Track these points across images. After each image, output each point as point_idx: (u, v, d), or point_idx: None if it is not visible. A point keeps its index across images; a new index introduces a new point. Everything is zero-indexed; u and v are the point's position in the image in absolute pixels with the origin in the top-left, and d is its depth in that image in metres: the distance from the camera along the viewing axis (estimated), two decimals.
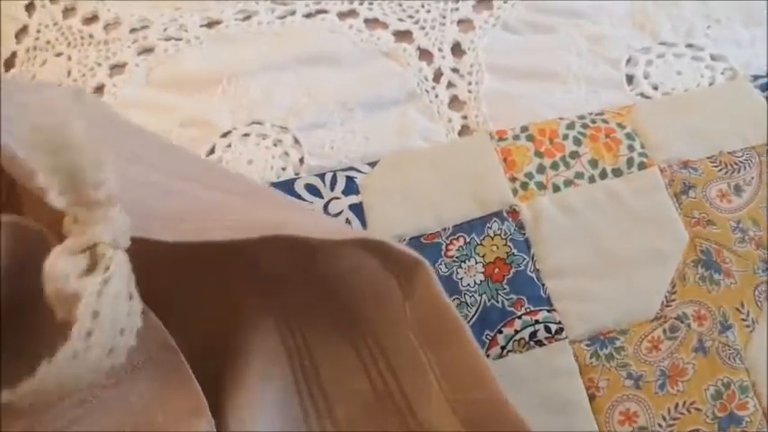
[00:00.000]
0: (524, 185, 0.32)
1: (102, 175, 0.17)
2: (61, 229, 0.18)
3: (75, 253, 0.17)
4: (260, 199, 0.29)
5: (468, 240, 0.30)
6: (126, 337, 0.18)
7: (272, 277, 0.26)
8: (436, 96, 0.39)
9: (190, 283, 0.24)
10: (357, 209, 0.32)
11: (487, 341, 0.28)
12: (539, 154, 0.33)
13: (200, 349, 0.24)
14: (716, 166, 0.32)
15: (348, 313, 0.26)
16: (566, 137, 0.34)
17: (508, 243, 0.30)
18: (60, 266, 0.16)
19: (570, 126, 0.34)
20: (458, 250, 0.30)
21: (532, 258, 0.30)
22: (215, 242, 0.21)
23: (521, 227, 0.31)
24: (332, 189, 0.33)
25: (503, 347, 0.28)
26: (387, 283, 0.25)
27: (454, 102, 0.39)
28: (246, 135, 0.37)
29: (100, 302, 0.17)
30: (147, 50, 0.42)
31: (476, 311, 0.29)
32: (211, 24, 0.43)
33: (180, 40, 0.42)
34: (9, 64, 0.46)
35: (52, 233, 0.19)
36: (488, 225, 0.31)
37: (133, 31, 0.43)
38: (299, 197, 0.32)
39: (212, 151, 0.37)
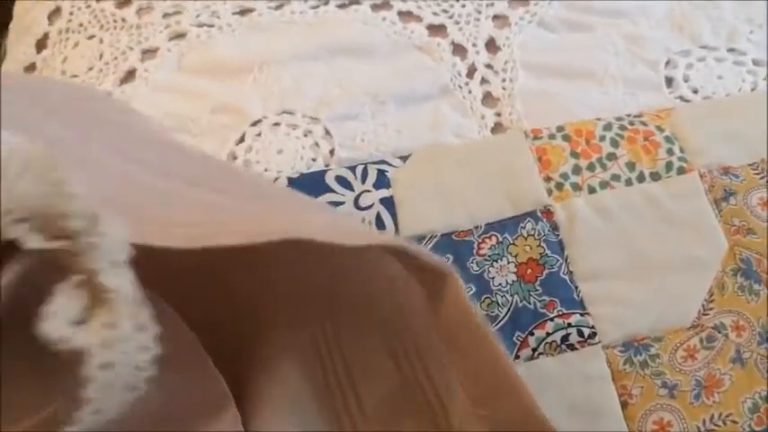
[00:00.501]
0: (559, 186, 0.31)
1: (72, 203, 0.16)
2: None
3: (72, 294, 0.17)
4: (279, 202, 0.28)
5: (500, 239, 0.30)
6: (144, 371, 0.17)
7: (297, 274, 0.26)
8: (469, 92, 0.38)
9: (203, 285, 0.24)
10: (388, 202, 0.31)
11: (518, 342, 0.28)
12: (575, 154, 0.32)
13: (216, 351, 0.24)
14: (757, 174, 0.31)
15: (377, 309, 0.25)
16: (603, 138, 0.33)
17: (542, 244, 0.30)
18: (57, 333, 0.16)
19: (607, 127, 0.33)
20: (490, 249, 0.30)
21: (566, 260, 0.29)
22: (226, 246, 0.20)
23: (555, 228, 0.30)
24: (363, 182, 0.32)
25: (534, 350, 0.27)
26: (410, 284, 0.24)
27: (488, 98, 0.38)
28: (277, 124, 0.37)
29: (110, 353, 0.16)
30: (180, 36, 0.42)
31: (507, 312, 0.28)
32: (244, 12, 0.43)
33: (212, 26, 0.42)
34: (41, 45, 0.46)
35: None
36: (522, 225, 0.30)
37: (166, 16, 0.43)
38: (330, 189, 0.32)
39: (242, 139, 0.37)
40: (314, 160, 0.35)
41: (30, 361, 0.19)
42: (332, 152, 0.36)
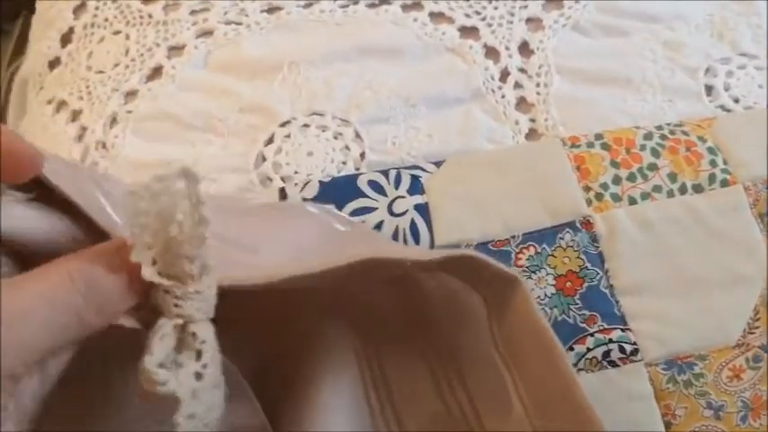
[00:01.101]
0: (599, 196, 0.30)
1: (198, 249, 0.17)
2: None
3: (166, 337, 0.17)
4: (330, 237, 0.28)
5: (538, 250, 0.29)
6: (217, 412, 0.18)
7: (341, 293, 0.25)
8: (503, 97, 0.37)
9: (245, 303, 0.23)
10: (422, 209, 0.31)
11: None
12: (614, 164, 0.31)
13: (254, 370, 0.23)
14: None
15: (421, 327, 0.25)
16: (643, 147, 0.32)
17: (581, 256, 0.29)
18: (161, 374, 0.16)
19: (648, 136, 0.33)
20: (528, 260, 0.29)
21: (606, 273, 0.29)
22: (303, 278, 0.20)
23: (594, 239, 0.29)
24: (396, 187, 0.31)
25: (573, 365, 0.27)
26: (468, 299, 0.24)
27: (521, 103, 0.37)
28: (306, 126, 0.36)
29: (193, 403, 0.17)
30: (207, 33, 0.41)
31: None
32: (272, 10, 0.42)
33: (240, 24, 0.41)
34: (66, 39, 0.46)
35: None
36: (560, 235, 0.29)
37: (193, 12, 0.42)
38: (363, 194, 0.31)
39: (271, 140, 0.36)
40: (344, 163, 0.35)
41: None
42: (362, 155, 0.35)
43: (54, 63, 0.45)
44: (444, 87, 0.37)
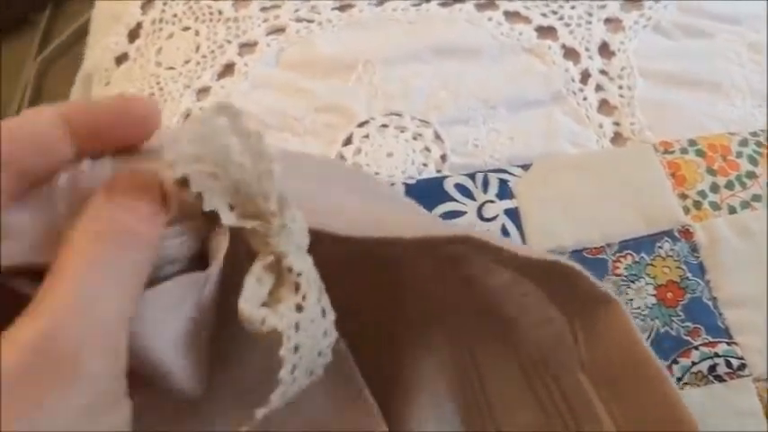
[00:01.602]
0: (697, 204, 0.30)
1: (269, 184, 0.16)
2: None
3: (263, 275, 0.17)
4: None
5: (636, 259, 0.28)
6: (324, 357, 0.17)
7: (434, 294, 0.25)
8: (584, 99, 0.36)
9: (348, 295, 0.23)
10: (513, 214, 0.30)
11: None
12: (711, 171, 0.30)
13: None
14: None
15: (504, 326, 0.24)
16: (740, 155, 0.31)
17: (681, 266, 0.28)
18: (256, 313, 0.16)
19: (743, 143, 0.32)
20: (626, 269, 0.28)
21: (707, 284, 0.28)
22: (392, 240, 0.20)
23: (694, 249, 0.29)
24: (485, 191, 0.31)
25: (678, 379, 0.26)
26: (543, 310, 0.23)
27: (604, 106, 0.36)
28: (385, 126, 0.36)
29: (299, 335, 0.16)
30: (278, 30, 0.41)
31: (648, 337, 0.27)
32: (344, 8, 0.41)
33: (312, 21, 0.41)
34: (134, 35, 0.46)
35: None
36: (658, 244, 0.29)
37: (264, 9, 0.42)
38: (450, 197, 0.31)
39: (349, 141, 0.36)
40: (425, 165, 0.34)
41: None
42: (443, 157, 0.34)
43: (121, 58, 0.45)
44: (524, 89, 0.37)
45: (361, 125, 0.36)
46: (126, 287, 0.15)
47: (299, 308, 0.16)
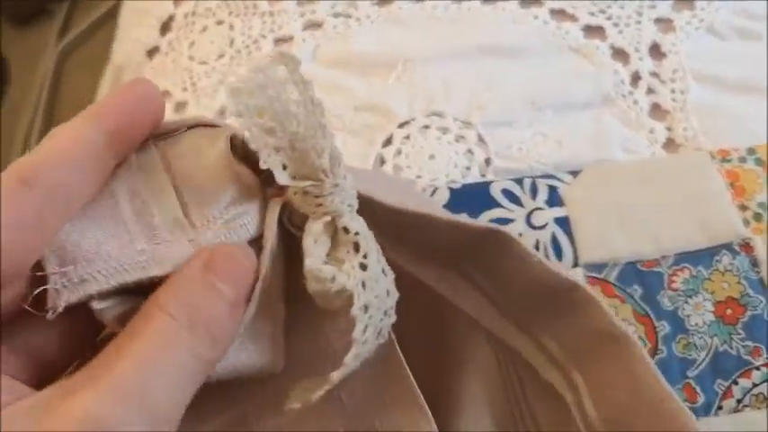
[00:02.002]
0: (758, 216, 0.28)
1: (322, 138, 0.16)
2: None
3: (319, 237, 0.16)
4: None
5: (694, 273, 0.27)
6: (389, 317, 0.17)
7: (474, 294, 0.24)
8: (635, 102, 0.35)
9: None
10: (563, 223, 0.29)
11: (720, 392, 0.25)
12: None
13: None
14: None
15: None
16: None
17: (741, 281, 0.27)
18: (326, 269, 0.16)
19: None
20: (683, 283, 0.27)
21: None
22: (429, 219, 0.20)
23: (755, 264, 0.27)
24: (533, 197, 0.30)
25: (738, 401, 0.25)
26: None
27: (655, 110, 0.35)
28: (426, 127, 0.35)
29: (366, 294, 0.16)
30: (315, 25, 0.40)
31: (706, 356, 0.26)
32: (383, 3, 0.40)
33: (350, 17, 0.40)
34: (165, 27, 0.45)
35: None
36: (717, 258, 0.27)
37: (300, 3, 0.41)
38: (497, 203, 0.30)
39: (389, 141, 0.35)
40: (468, 169, 0.33)
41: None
42: (487, 161, 0.33)
43: (153, 52, 0.44)
44: (571, 90, 0.35)
45: (401, 125, 0.35)
46: (190, 385, 0.14)
47: (363, 266, 0.16)
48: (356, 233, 0.17)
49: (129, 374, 0.13)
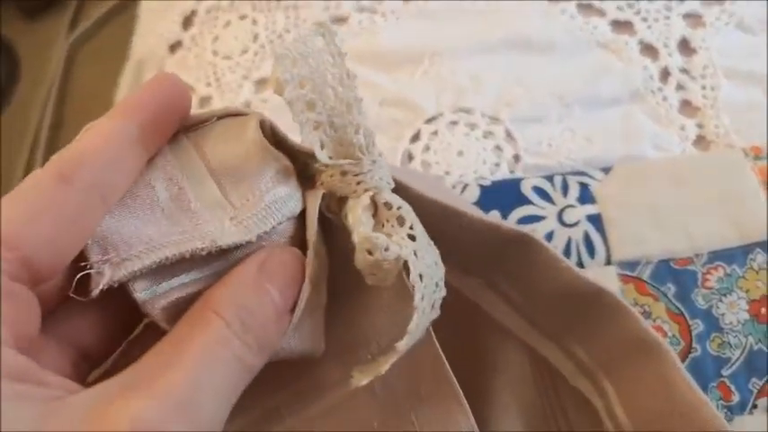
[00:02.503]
0: None
1: (358, 113, 0.16)
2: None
3: (365, 210, 0.16)
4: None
5: (728, 272, 0.27)
6: (440, 291, 0.17)
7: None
8: (664, 99, 0.35)
9: None
10: (596, 220, 0.29)
11: (755, 390, 0.25)
12: None
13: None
14: None
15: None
16: None
17: None
18: (381, 238, 0.15)
19: None
20: (717, 282, 0.27)
21: None
22: (461, 216, 0.20)
23: None
24: (564, 194, 0.30)
25: None
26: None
27: (686, 107, 0.35)
28: (454, 123, 0.35)
29: (419, 263, 0.16)
30: (340, 20, 0.40)
31: (740, 354, 0.26)
32: None
33: (375, 12, 0.40)
34: (188, 22, 0.45)
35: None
36: (751, 256, 0.27)
37: None
38: (527, 200, 0.30)
39: (417, 137, 0.34)
40: (497, 165, 0.33)
41: None
42: (516, 157, 0.33)
43: (175, 46, 0.44)
44: (599, 86, 0.35)
45: (428, 121, 0.35)
46: (234, 392, 0.14)
47: (411, 237, 0.16)
48: (399, 207, 0.17)
49: (181, 383, 0.13)
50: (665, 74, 0.36)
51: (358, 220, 0.16)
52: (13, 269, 0.13)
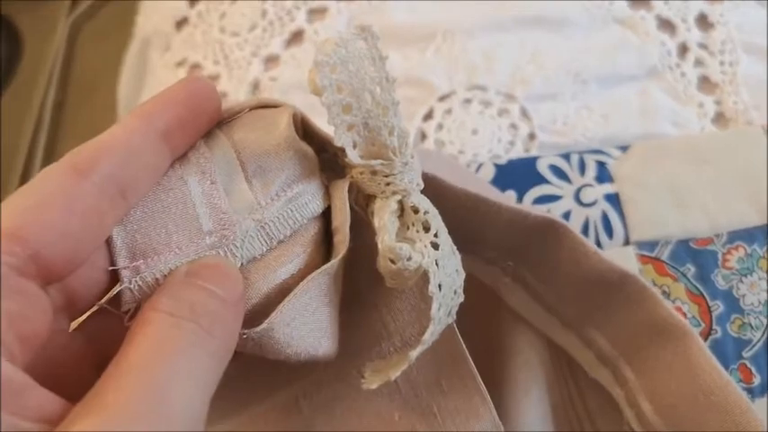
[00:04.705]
0: None
1: (394, 116, 0.16)
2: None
3: (392, 214, 0.16)
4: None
5: (749, 251, 0.27)
6: (458, 297, 0.17)
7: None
8: (682, 75, 0.34)
9: None
10: (613, 200, 0.28)
11: None
12: None
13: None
14: None
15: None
16: None
17: None
18: (404, 248, 0.15)
19: None
20: (738, 262, 0.26)
21: None
22: (491, 205, 0.20)
23: None
24: (582, 173, 0.29)
25: None
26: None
27: (704, 83, 0.34)
28: (468, 101, 0.34)
29: (440, 273, 0.16)
30: None
31: (762, 335, 0.25)
32: None
33: None
34: None
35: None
36: None
37: None
38: (544, 179, 0.29)
39: (430, 115, 0.34)
40: (512, 144, 0.32)
41: None
42: (531, 136, 0.33)
43: (182, 23, 0.43)
44: (616, 63, 0.34)
45: (442, 99, 0.34)
46: (204, 383, 0.13)
47: (435, 246, 0.16)
48: (425, 212, 0.16)
49: (136, 389, 0.12)
50: (684, 49, 0.35)
51: (384, 225, 0.16)
52: (20, 263, 0.13)
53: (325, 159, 0.18)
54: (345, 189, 0.17)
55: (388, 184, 0.16)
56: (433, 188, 0.18)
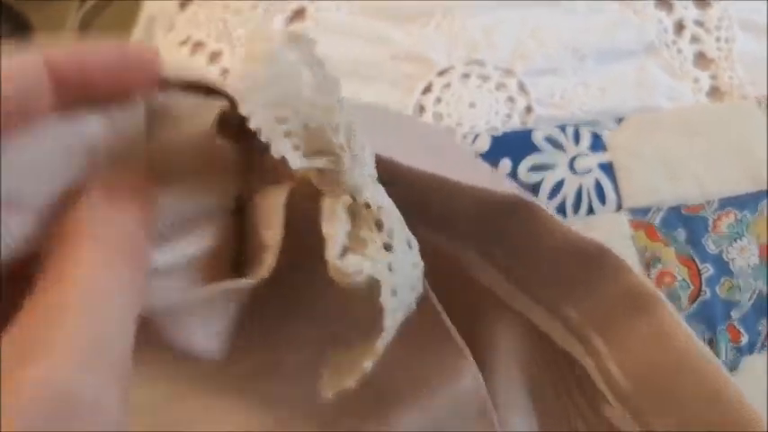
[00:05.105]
0: None
1: (337, 115, 0.15)
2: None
3: (339, 217, 0.15)
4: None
5: (739, 217, 0.27)
6: (416, 290, 0.16)
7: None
8: (679, 51, 0.34)
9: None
10: (607, 168, 0.29)
11: (764, 330, 0.25)
12: None
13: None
14: None
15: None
16: None
17: None
18: (351, 262, 0.14)
19: None
20: (728, 227, 0.27)
21: None
22: (446, 184, 0.19)
23: None
24: (576, 143, 0.30)
25: None
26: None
27: (700, 59, 0.34)
28: (466, 76, 0.35)
29: (394, 277, 0.15)
30: None
31: (750, 297, 0.26)
32: None
33: None
34: None
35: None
36: (762, 202, 0.27)
37: None
38: (538, 149, 0.30)
39: (429, 89, 0.34)
40: (509, 116, 0.33)
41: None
42: (528, 109, 0.33)
43: (185, 2, 0.44)
44: (614, 39, 0.35)
45: (440, 74, 0.35)
46: (133, 305, 0.12)
47: (388, 247, 0.15)
48: (379, 207, 0.15)
49: (83, 329, 0.11)
50: (680, 26, 0.35)
51: (332, 234, 0.14)
52: None
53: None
54: (283, 200, 0.15)
55: (336, 182, 0.15)
56: (390, 171, 0.17)
